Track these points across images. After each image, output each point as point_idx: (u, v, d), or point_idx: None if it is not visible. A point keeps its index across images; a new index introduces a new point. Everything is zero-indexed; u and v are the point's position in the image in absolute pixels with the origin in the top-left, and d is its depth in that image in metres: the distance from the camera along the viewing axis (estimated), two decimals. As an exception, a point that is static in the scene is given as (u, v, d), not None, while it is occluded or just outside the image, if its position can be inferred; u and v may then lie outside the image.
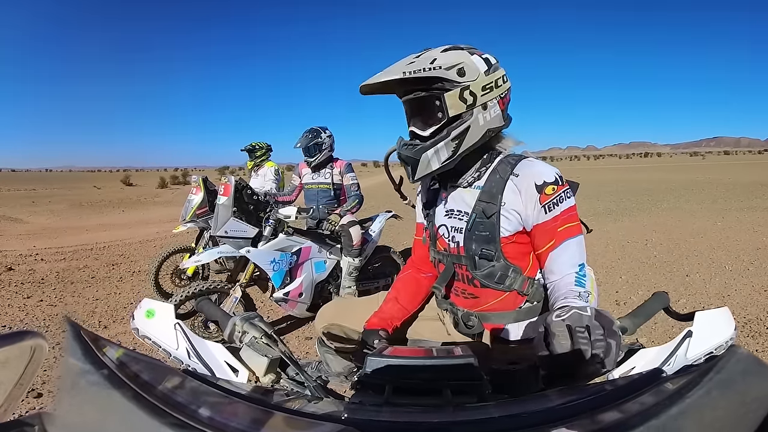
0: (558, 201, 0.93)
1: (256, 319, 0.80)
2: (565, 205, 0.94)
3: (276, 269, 2.77)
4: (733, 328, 0.76)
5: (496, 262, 0.99)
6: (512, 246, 0.99)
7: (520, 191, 0.95)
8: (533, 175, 0.95)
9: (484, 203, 0.99)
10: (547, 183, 0.94)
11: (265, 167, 4.51)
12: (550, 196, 0.93)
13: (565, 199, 0.94)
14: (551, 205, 0.93)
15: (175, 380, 0.49)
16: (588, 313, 0.63)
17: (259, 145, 4.56)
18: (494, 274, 1.00)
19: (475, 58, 0.94)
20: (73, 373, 0.37)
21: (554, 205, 0.93)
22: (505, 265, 0.99)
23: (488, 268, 1.00)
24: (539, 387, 0.73)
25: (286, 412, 0.49)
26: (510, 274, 1.00)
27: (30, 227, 8.25)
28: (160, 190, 20.75)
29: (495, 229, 0.98)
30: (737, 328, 0.81)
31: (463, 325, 1.03)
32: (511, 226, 0.97)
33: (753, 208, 8.20)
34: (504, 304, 1.04)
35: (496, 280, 1.00)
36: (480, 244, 1.00)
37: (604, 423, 0.40)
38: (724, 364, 0.35)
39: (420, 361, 0.67)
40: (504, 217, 0.97)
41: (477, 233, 1.00)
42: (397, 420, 0.51)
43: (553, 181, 0.94)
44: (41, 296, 3.82)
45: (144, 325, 0.76)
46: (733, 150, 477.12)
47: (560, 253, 0.93)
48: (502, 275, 1.00)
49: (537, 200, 0.93)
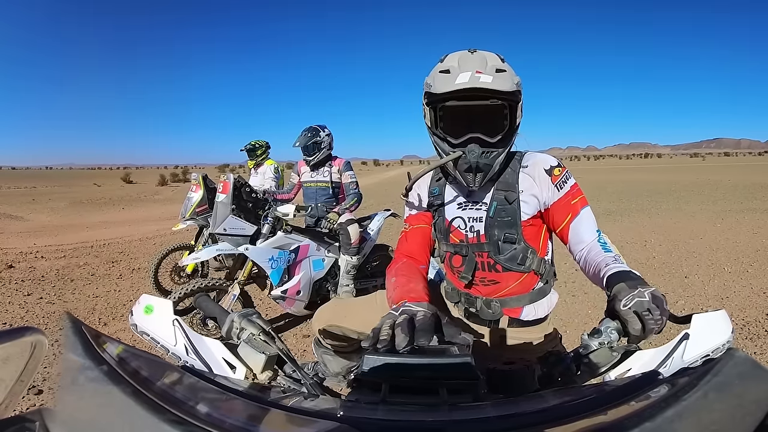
0: (565, 179, 1.08)
1: (254, 316, 0.81)
2: (572, 182, 1.09)
3: (274, 267, 2.77)
4: (730, 332, 0.76)
5: (517, 245, 1.09)
6: (530, 228, 1.10)
7: (533, 177, 1.08)
8: (540, 162, 1.10)
9: (503, 192, 1.09)
10: (554, 166, 1.09)
11: (265, 165, 4.50)
12: (558, 176, 1.08)
13: (570, 177, 1.10)
14: (561, 183, 1.07)
15: (174, 376, 0.50)
16: (647, 298, 0.72)
17: (258, 143, 4.55)
18: (516, 257, 1.09)
19: None
20: (73, 369, 0.38)
21: (563, 182, 1.08)
22: (525, 247, 1.09)
23: (511, 251, 1.09)
24: (535, 387, 0.73)
25: (283, 410, 0.50)
26: (529, 255, 1.09)
27: (30, 225, 8.25)
28: (160, 187, 20.75)
29: (516, 213, 1.08)
30: (735, 330, 0.81)
31: (486, 311, 1.13)
32: (530, 209, 1.08)
33: (753, 210, 8.20)
34: (522, 287, 1.12)
35: (519, 261, 1.09)
36: (503, 228, 1.09)
37: (599, 424, 0.40)
38: (722, 366, 0.35)
39: (417, 359, 0.67)
40: (524, 201, 1.08)
41: (500, 219, 1.09)
42: (393, 418, 0.51)
43: (557, 165, 1.10)
44: (41, 293, 3.83)
45: (142, 321, 0.76)
46: (734, 151, 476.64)
47: (580, 222, 1.06)
48: (523, 257, 1.09)
49: (549, 182, 1.07)
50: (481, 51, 1.02)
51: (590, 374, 0.74)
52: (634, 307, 0.71)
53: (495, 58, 1.01)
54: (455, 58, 1.01)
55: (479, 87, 0.94)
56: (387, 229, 5.53)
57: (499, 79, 0.96)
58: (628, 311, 0.71)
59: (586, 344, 0.73)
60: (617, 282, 0.80)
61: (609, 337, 0.72)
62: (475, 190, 1.10)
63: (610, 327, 0.73)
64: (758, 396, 0.33)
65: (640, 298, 0.72)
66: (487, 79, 0.94)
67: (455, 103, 0.98)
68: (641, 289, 0.74)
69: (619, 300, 0.73)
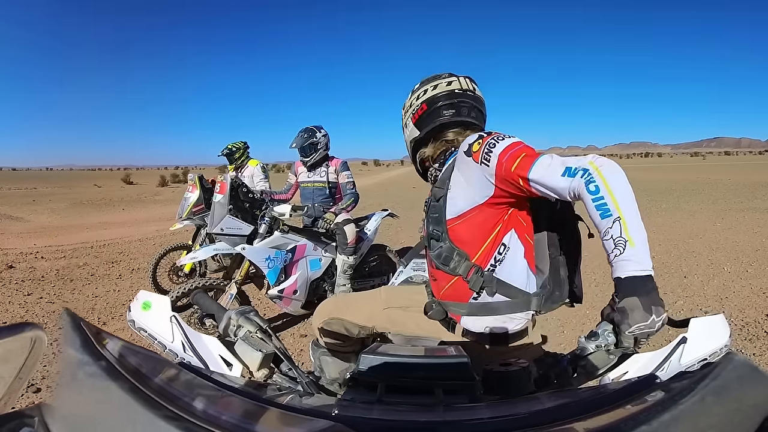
0: (489, 149, 0.91)
1: (251, 314, 0.81)
2: (501, 146, 0.90)
3: (271, 266, 2.78)
4: (728, 336, 0.76)
5: (443, 243, 1.06)
6: (459, 228, 1.02)
7: (459, 168, 1.01)
8: (462, 146, 0.99)
9: (436, 188, 1.10)
10: (471, 143, 0.95)
11: (250, 167, 4.32)
12: (478, 151, 0.92)
13: (497, 142, 0.91)
14: (485, 156, 0.91)
15: (171, 373, 0.50)
16: (655, 328, 0.69)
17: (236, 146, 4.34)
18: (441, 255, 1.06)
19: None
20: (71, 365, 0.38)
21: (488, 153, 0.90)
22: (450, 247, 1.04)
23: (437, 248, 1.07)
24: (531, 389, 0.74)
25: (279, 407, 0.50)
26: (454, 257, 1.03)
27: (31, 225, 8.24)
28: (160, 188, 20.71)
29: (442, 210, 1.05)
30: (734, 331, 0.81)
31: (429, 309, 1.12)
32: (456, 209, 1.02)
33: (753, 209, 8.18)
34: (455, 292, 1.06)
35: (442, 261, 1.05)
36: (432, 225, 1.09)
37: (594, 427, 0.40)
38: (721, 370, 0.35)
39: (414, 359, 0.68)
40: (450, 198, 1.03)
41: (431, 215, 1.10)
42: (388, 418, 0.51)
43: (476, 140, 0.94)
44: (41, 293, 3.83)
45: (140, 317, 0.77)
46: (734, 150, 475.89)
47: (541, 183, 0.84)
48: (446, 257, 1.04)
49: (472, 163, 0.94)
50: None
51: (587, 377, 0.74)
52: (639, 335, 0.70)
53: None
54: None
55: None
56: (385, 230, 5.51)
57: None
58: (630, 337, 0.70)
59: (583, 347, 0.73)
60: (630, 293, 0.70)
61: (606, 340, 0.72)
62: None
63: (607, 330, 0.72)
64: (757, 400, 0.33)
65: (650, 329, 0.69)
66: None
67: None
68: (655, 318, 0.69)
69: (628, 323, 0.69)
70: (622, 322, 0.70)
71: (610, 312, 0.74)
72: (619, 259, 0.73)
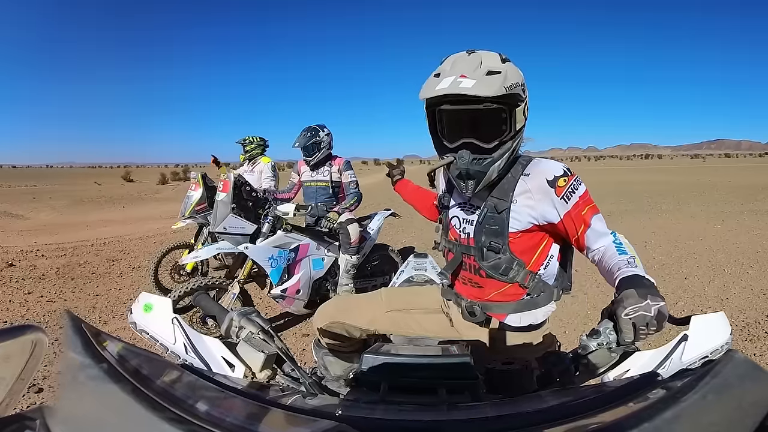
0: (573, 189, 1.00)
1: (253, 315, 0.81)
2: (581, 191, 1.01)
3: (274, 266, 2.77)
4: (729, 333, 0.76)
5: (502, 255, 1.06)
6: (520, 241, 1.05)
7: (531, 190, 1.02)
8: (543, 172, 1.02)
9: (496, 199, 1.05)
10: (558, 176, 1.00)
11: (261, 163, 4.35)
12: (564, 187, 1.00)
13: (578, 186, 1.01)
14: (568, 195, 1.00)
15: (173, 375, 0.50)
16: (652, 314, 0.71)
17: (252, 138, 4.40)
18: (499, 266, 1.06)
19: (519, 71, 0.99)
20: (73, 367, 0.38)
21: (571, 193, 1.00)
22: (511, 258, 1.05)
23: (494, 260, 1.06)
24: (534, 388, 0.73)
25: (281, 408, 0.50)
26: (514, 267, 1.06)
27: (31, 223, 8.25)
28: (160, 186, 20.73)
29: (504, 224, 1.04)
30: (735, 332, 0.81)
31: (468, 314, 1.13)
32: (521, 222, 1.03)
33: (753, 211, 8.19)
34: (505, 296, 1.10)
35: (501, 271, 1.06)
36: (489, 236, 1.06)
37: (597, 425, 0.40)
38: (722, 368, 0.35)
39: (416, 359, 0.68)
40: (514, 212, 1.03)
41: (487, 226, 1.06)
42: (391, 418, 0.51)
43: (562, 174, 1.01)
44: (42, 292, 3.83)
45: (142, 319, 0.77)
46: (734, 153, 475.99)
47: (593, 231, 1.01)
48: (506, 267, 1.06)
49: (553, 195, 1.00)
50: (480, 51, 0.97)
51: (589, 375, 0.74)
52: (635, 318, 0.70)
53: (492, 59, 0.96)
54: (450, 61, 0.97)
55: (457, 93, 0.89)
56: (387, 229, 5.51)
57: (483, 83, 0.89)
58: (627, 321, 0.71)
59: (585, 345, 0.73)
60: (628, 287, 0.77)
61: (608, 338, 0.72)
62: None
63: (609, 328, 0.73)
64: (757, 398, 0.33)
65: (645, 312, 0.71)
66: (468, 84, 0.89)
67: (448, 107, 0.96)
68: (650, 302, 0.71)
69: (623, 306, 0.72)
70: (617, 308, 0.73)
71: (609, 307, 0.77)
72: (626, 270, 0.86)
